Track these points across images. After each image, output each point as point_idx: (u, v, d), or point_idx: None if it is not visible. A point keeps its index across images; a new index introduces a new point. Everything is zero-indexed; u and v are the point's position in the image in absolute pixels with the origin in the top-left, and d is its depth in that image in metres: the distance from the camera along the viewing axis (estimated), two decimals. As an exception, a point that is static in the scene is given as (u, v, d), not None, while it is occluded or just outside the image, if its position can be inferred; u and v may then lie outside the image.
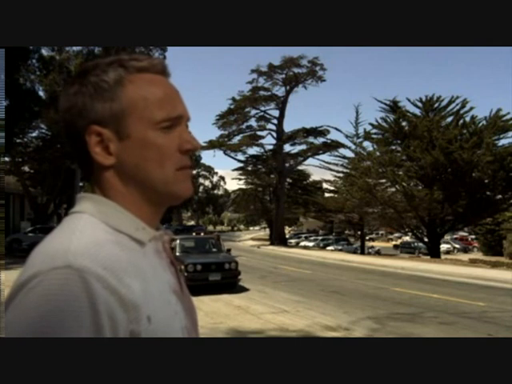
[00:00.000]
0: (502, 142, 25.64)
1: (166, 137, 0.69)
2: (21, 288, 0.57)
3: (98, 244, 0.62)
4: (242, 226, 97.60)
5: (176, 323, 0.68)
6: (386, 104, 29.08)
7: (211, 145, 40.59)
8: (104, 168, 0.69)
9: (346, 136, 35.61)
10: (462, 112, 26.57)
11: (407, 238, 39.83)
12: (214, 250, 13.02)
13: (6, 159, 24.47)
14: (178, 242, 12.56)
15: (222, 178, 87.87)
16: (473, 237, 45.97)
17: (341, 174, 36.22)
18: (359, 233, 37.66)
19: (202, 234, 35.94)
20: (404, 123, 27.79)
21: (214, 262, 11.46)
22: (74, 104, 0.68)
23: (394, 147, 29.05)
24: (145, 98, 0.68)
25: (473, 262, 21.54)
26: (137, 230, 0.68)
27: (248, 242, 43.11)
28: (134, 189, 0.70)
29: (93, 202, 0.69)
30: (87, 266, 0.57)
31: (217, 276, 11.23)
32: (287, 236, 45.31)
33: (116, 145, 0.68)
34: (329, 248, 35.40)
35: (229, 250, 13.83)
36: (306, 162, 44.70)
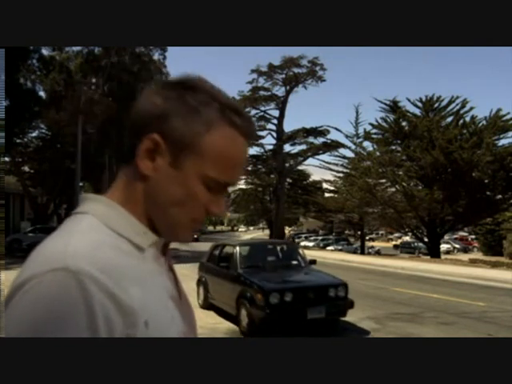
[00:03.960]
0: (502, 141, 25.62)
1: (204, 190, 0.69)
2: (18, 289, 0.57)
3: (96, 247, 0.61)
4: (241, 226, 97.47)
5: (173, 328, 0.68)
6: (386, 104, 29.11)
7: (211, 145, 40.53)
8: (139, 173, 0.68)
9: (346, 136, 35.69)
10: (462, 112, 26.59)
11: (407, 238, 39.84)
12: (295, 262, 8.17)
13: (6, 159, 24.48)
14: (237, 250, 7.88)
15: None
16: (473, 237, 45.97)
17: (341, 174, 36.28)
18: (359, 233, 37.68)
19: (195, 236, 35.49)
20: (404, 123, 27.80)
21: (312, 287, 6.80)
22: (158, 106, 0.67)
23: (394, 147, 29.07)
24: (216, 151, 0.67)
25: (473, 262, 21.54)
26: (137, 235, 0.68)
27: (248, 242, 42.99)
28: (148, 206, 0.69)
29: (96, 203, 0.69)
30: (84, 269, 0.57)
31: (320, 311, 6.50)
32: (287, 236, 45.32)
33: (162, 164, 0.67)
34: (329, 248, 35.41)
35: (313, 262, 8.44)
36: (306, 162, 44.82)
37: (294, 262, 8.19)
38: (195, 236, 34.85)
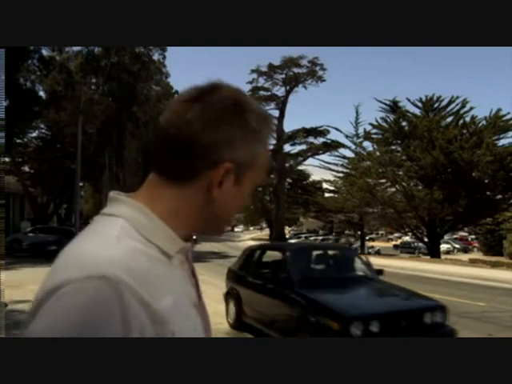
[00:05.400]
0: (502, 141, 25.69)
1: (248, 194, 0.75)
2: (52, 293, 0.56)
3: (131, 254, 0.60)
4: (239, 226, 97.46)
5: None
6: (386, 104, 29.15)
7: (211, 145, 40.63)
8: (203, 196, 0.69)
9: (346, 136, 35.77)
10: (462, 112, 26.62)
11: (407, 238, 39.84)
12: (359, 273, 6.45)
13: (6, 159, 24.48)
14: (287, 257, 6.06)
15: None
16: (473, 237, 45.98)
17: (341, 174, 36.31)
18: (359, 233, 37.71)
19: (195, 236, 34.74)
20: (404, 123, 27.84)
21: (403, 312, 5.12)
22: (225, 133, 0.68)
23: (393, 147, 29.12)
24: (265, 161, 0.74)
25: (473, 262, 21.56)
26: (167, 242, 0.67)
27: (248, 242, 43.07)
28: (205, 221, 0.71)
29: (128, 206, 0.68)
30: (122, 278, 0.56)
31: None
32: (287, 236, 45.36)
33: (228, 186, 0.69)
34: (329, 248, 35.26)
35: (380, 272, 6.55)
36: (306, 162, 44.84)
37: (360, 274, 6.40)
38: (194, 237, 34.62)
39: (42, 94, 25.17)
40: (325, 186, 42.40)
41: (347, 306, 4.90)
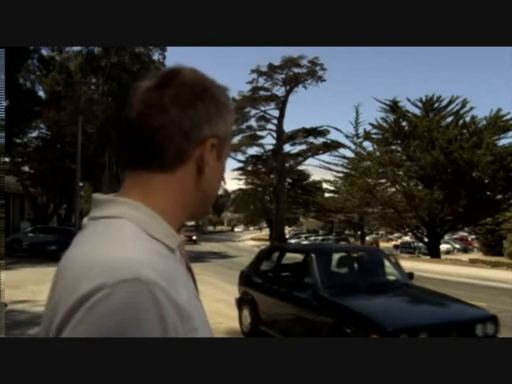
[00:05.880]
0: (502, 142, 25.70)
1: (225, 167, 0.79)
2: (84, 301, 0.54)
3: (151, 255, 0.60)
4: (239, 226, 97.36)
5: (208, 333, 0.69)
6: (386, 104, 29.15)
7: (211, 145, 40.66)
8: (194, 176, 0.70)
9: (346, 136, 35.87)
10: (462, 112, 26.63)
11: (407, 238, 39.84)
12: (392, 278, 5.84)
13: (6, 159, 24.48)
14: (312, 260, 5.34)
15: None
16: (473, 237, 45.99)
17: (341, 174, 36.34)
18: (359, 233, 37.73)
19: (194, 237, 34.12)
20: (404, 123, 27.84)
21: (454, 323, 4.49)
22: (203, 111, 0.70)
23: (394, 147, 29.11)
24: (231, 131, 0.79)
25: (473, 262, 21.57)
26: (168, 237, 0.67)
27: (248, 242, 43.10)
28: (198, 202, 0.73)
29: (128, 206, 0.66)
30: (153, 279, 0.55)
31: None
32: (287, 236, 45.39)
33: (212, 161, 0.72)
34: (329, 248, 35.25)
35: (411, 276, 5.89)
36: (306, 162, 44.95)
37: (392, 278, 5.81)
38: (194, 237, 34.30)
39: (41, 93, 25.23)
40: (325, 186, 42.49)
41: (390, 316, 4.27)
